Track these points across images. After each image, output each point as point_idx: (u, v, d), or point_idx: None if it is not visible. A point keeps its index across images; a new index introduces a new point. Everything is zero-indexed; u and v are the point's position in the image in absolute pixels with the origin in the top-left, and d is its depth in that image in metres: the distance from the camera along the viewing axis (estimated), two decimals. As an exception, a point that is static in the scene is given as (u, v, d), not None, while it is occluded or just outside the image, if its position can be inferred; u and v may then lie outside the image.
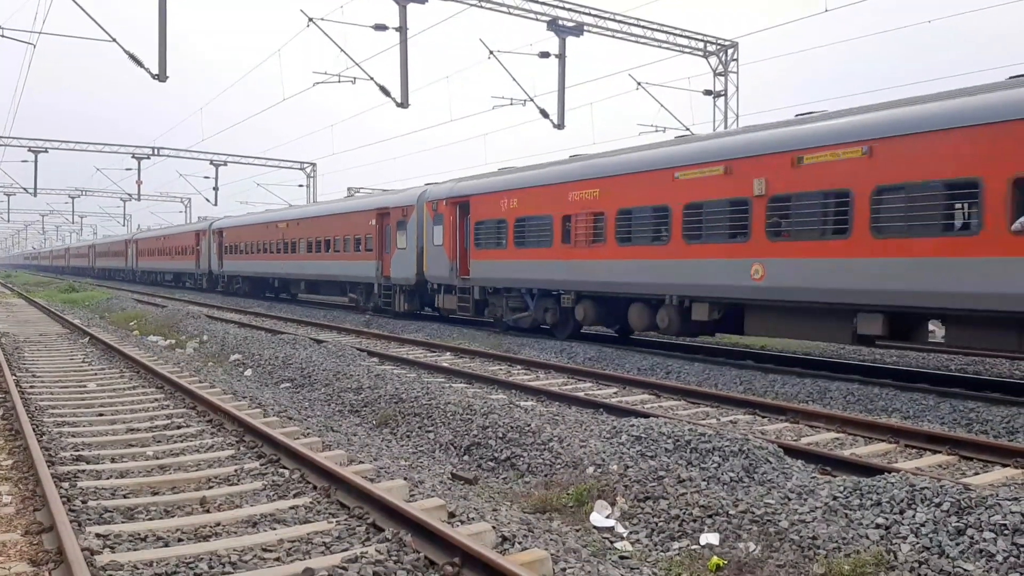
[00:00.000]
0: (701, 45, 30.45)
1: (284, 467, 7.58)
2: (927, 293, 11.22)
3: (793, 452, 8.18)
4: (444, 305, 23.37)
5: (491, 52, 26.09)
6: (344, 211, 30.30)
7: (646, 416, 9.61)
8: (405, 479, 7.17)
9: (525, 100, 27.54)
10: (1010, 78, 11.11)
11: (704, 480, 6.97)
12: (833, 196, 12.39)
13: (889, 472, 6.80)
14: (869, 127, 11.99)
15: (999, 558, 5.12)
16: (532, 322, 20.14)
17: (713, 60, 30.83)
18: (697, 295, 14.83)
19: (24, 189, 58.63)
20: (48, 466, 7.35)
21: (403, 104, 24.14)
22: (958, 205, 11.42)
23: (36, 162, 50.06)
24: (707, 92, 30.91)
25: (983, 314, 10.79)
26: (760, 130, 14.10)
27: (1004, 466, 8.11)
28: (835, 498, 6.12)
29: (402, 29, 23.56)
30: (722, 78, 30.83)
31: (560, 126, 27.27)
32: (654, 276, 15.59)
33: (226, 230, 43.12)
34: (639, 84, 29.15)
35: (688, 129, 29.84)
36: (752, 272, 13.55)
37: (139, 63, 21.20)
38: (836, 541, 5.50)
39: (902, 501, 5.86)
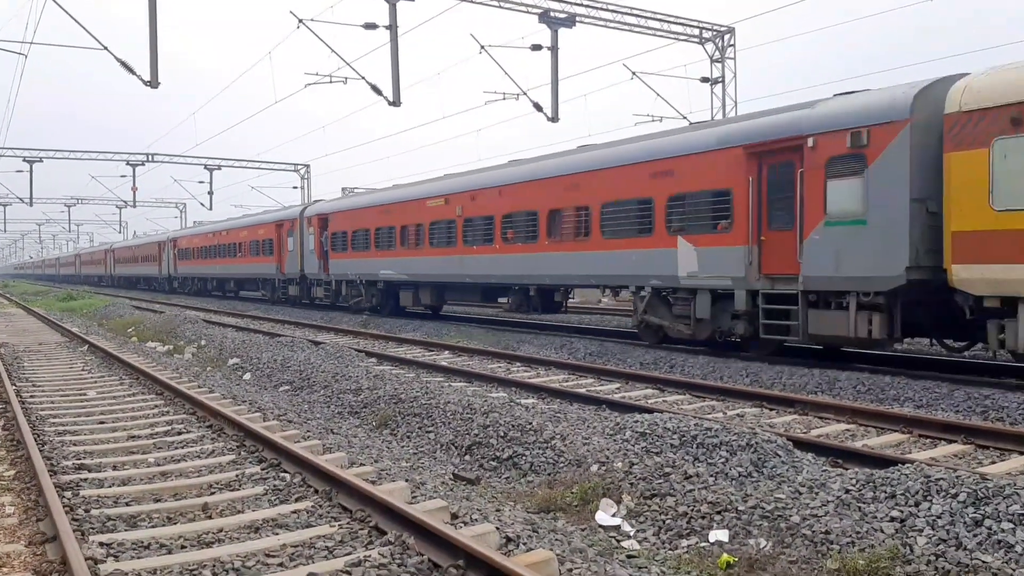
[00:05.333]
0: (696, 32, 30.34)
1: (285, 471, 7.51)
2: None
3: (803, 445, 8.10)
4: None
5: (482, 47, 25.96)
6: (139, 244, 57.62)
7: (650, 412, 9.54)
8: (406, 481, 7.09)
9: (518, 94, 27.41)
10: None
11: (712, 476, 6.89)
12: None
13: (903, 463, 6.72)
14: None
15: (1018, 549, 5.04)
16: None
17: (709, 46, 30.71)
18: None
19: (20, 199, 58.64)
20: (50, 475, 7.29)
21: (395, 102, 24.08)
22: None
23: (31, 172, 50.06)
24: (704, 79, 30.79)
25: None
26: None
27: (1022, 454, 8.01)
28: (847, 491, 6.04)
29: (392, 27, 23.46)
30: (719, 65, 30.72)
31: (554, 119, 27.14)
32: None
33: (116, 249, 72.21)
34: (634, 74, 29.01)
35: (685, 118, 29.74)
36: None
37: (131, 70, 21.09)
38: (850, 535, 5.42)
39: (917, 493, 5.78)
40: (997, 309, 10.67)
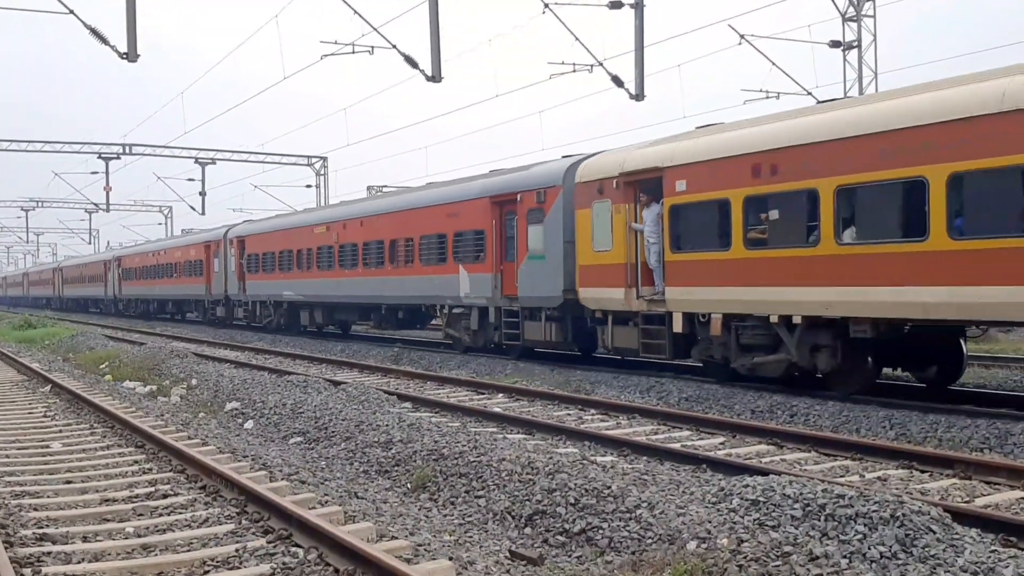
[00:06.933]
0: (824, -17, 30.16)
1: (297, 545, 7.66)
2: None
3: (965, 518, 7.99)
4: None
5: (546, 5, 26.10)
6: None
7: (764, 473, 9.50)
8: (450, 559, 7.18)
9: (592, 65, 27.50)
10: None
11: (845, 557, 6.85)
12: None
13: (1096, 542, 6.63)
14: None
15: None
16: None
17: (841, 2, 30.49)
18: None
19: (-35, 203, 60.02)
20: (6, 548, 7.50)
21: (434, 77, 24.24)
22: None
23: (-22, 169, 51.09)
24: (834, 44, 30.54)
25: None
26: None
27: None
28: (1023, 578, 5.97)
29: (432, -20, 23.68)
30: (854, 25, 30.47)
31: (638, 96, 27.07)
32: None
33: (65, 268, 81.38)
34: (742, 37, 28.97)
35: (810, 93, 29.49)
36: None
37: (103, 39, 21.55)
38: (1027, 635, 5.36)
39: (1115, 581, 5.70)
40: (602, 319, 19.59)
